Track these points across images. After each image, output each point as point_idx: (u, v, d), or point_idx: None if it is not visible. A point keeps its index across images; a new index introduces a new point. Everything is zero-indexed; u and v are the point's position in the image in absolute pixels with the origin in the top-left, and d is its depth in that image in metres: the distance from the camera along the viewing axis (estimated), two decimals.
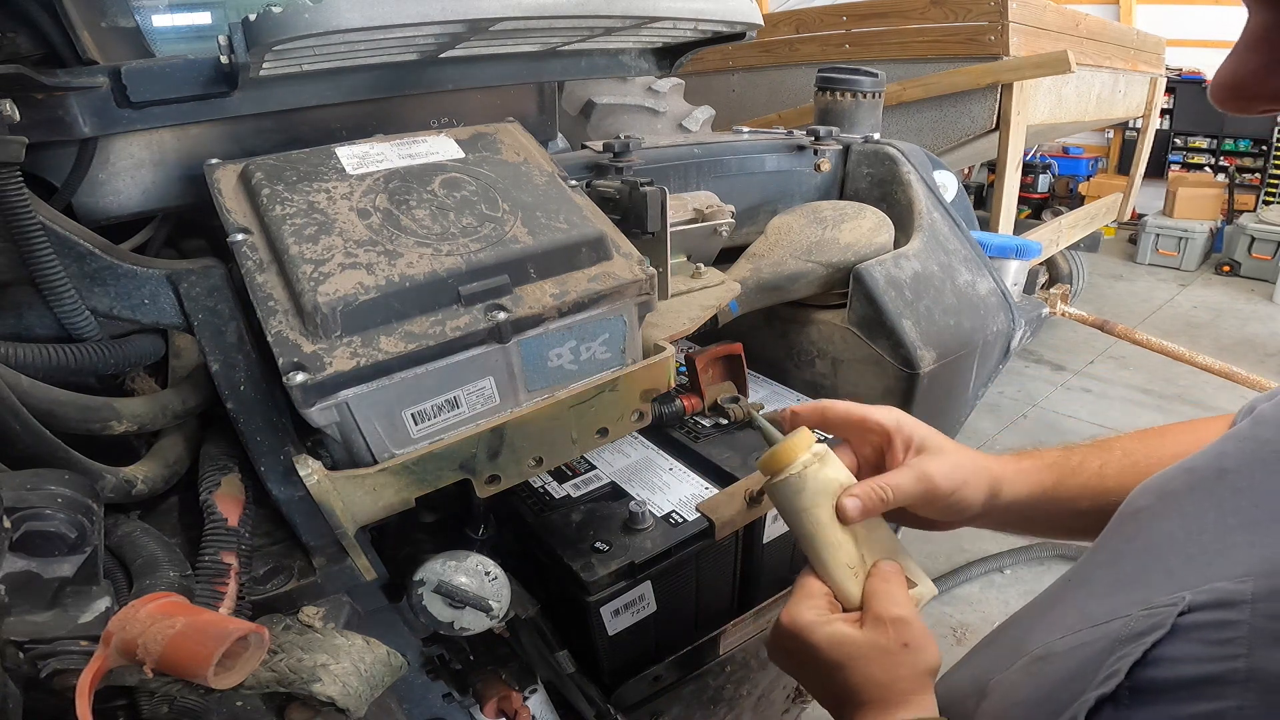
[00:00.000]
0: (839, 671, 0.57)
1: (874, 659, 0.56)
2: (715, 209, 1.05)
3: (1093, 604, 0.42)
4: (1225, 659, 0.31)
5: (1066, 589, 0.50)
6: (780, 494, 0.65)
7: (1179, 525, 0.41)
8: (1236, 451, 0.41)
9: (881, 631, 0.57)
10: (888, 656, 0.56)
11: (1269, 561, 0.33)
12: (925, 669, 0.56)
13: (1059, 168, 6.90)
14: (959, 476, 0.64)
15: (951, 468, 0.64)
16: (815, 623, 0.59)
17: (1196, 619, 0.34)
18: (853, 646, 0.57)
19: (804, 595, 0.62)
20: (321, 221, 0.68)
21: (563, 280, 0.72)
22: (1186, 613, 0.34)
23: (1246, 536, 0.36)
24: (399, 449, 0.66)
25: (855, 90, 1.44)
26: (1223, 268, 5.73)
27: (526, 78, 0.99)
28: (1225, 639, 0.32)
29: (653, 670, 0.96)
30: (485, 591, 0.74)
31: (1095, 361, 4.22)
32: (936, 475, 0.64)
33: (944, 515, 0.66)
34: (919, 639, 0.57)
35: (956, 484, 0.64)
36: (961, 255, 1.24)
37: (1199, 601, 0.34)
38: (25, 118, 0.61)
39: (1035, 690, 0.42)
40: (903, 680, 0.55)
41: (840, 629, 0.58)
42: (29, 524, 0.50)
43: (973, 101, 2.55)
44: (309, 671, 0.57)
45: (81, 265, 0.65)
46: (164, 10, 1.27)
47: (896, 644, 0.56)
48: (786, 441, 0.64)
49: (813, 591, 0.62)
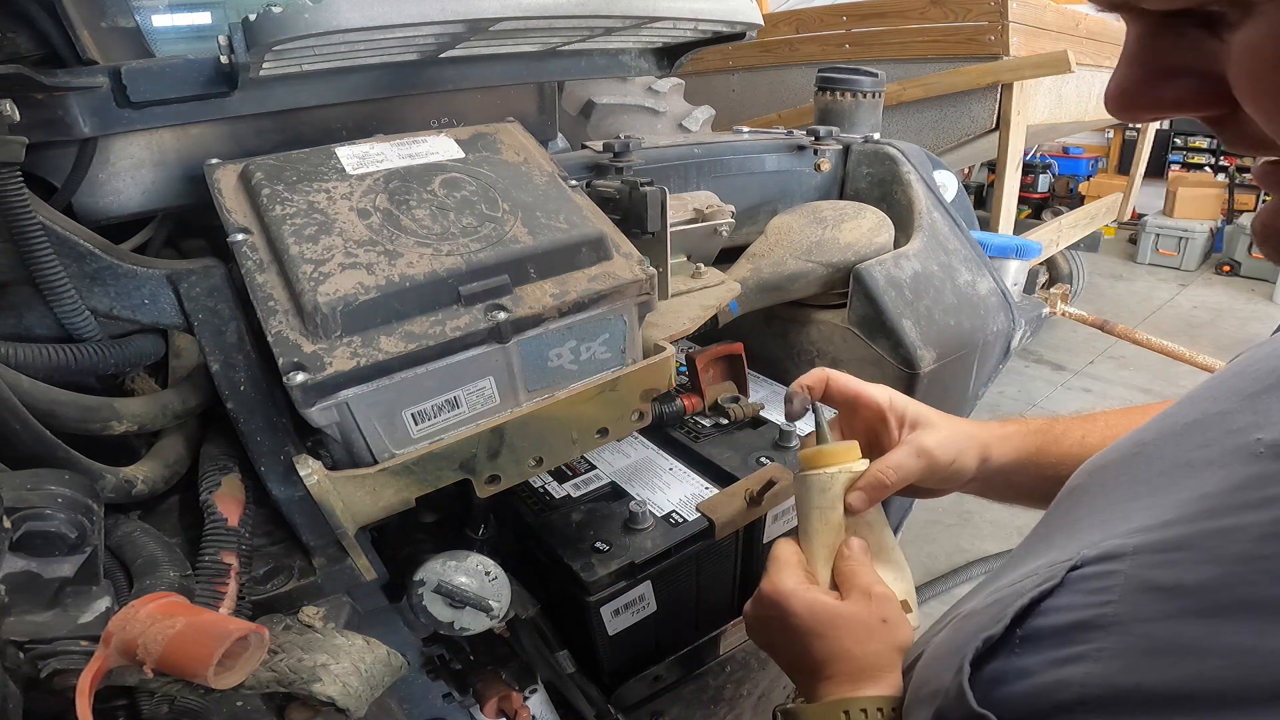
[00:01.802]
0: (815, 640, 0.58)
1: (852, 630, 0.57)
2: (715, 209, 1.05)
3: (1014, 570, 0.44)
4: (1098, 606, 0.33)
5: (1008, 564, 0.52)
6: (807, 485, 0.67)
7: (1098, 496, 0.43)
8: (1155, 426, 0.43)
9: (864, 605, 0.58)
10: (865, 629, 0.57)
11: (1156, 519, 0.35)
12: (897, 646, 0.57)
13: (1059, 168, 6.90)
14: (954, 447, 0.67)
15: (946, 439, 0.67)
16: (796, 590, 0.60)
17: (1084, 572, 0.35)
18: (834, 615, 0.58)
19: (783, 564, 0.63)
20: (321, 221, 0.68)
21: (563, 280, 0.72)
22: (1078, 567, 0.36)
23: (1146, 501, 0.37)
24: (399, 449, 0.66)
25: (855, 90, 1.44)
26: (1223, 268, 5.73)
27: (526, 78, 0.99)
28: (1102, 588, 0.34)
29: (653, 670, 0.96)
30: (485, 591, 0.74)
31: (1095, 361, 4.22)
32: (934, 448, 0.66)
33: (942, 484, 0.69)
34: (896, 616, 0.58)
35: (953, 454, 0.67)
36: (961, 255, 1.24)
37: (1089, 556, 0.36)
38: (25, 118, 0.61)
39: (949, 644, 0.44)
40: (875, 655, 0.56)
41: (821, 597, 0.60)
42: (29, 524, 0.50)
43: (973, 101, 2.55)
44: (309, 671, 0.57)
45: (81, 265, 0.65)
46: (164, 10, 1.27)
47: (876, 618, 0.57)
48: (836, 446, 0.67)
49: (791, 560, 0.64)
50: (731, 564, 1.01)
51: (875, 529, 0.67)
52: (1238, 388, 0.38)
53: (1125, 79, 0.31)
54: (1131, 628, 0.32)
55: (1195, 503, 0.33)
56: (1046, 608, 0.36)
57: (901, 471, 0.65)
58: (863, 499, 0.64)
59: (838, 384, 0.72)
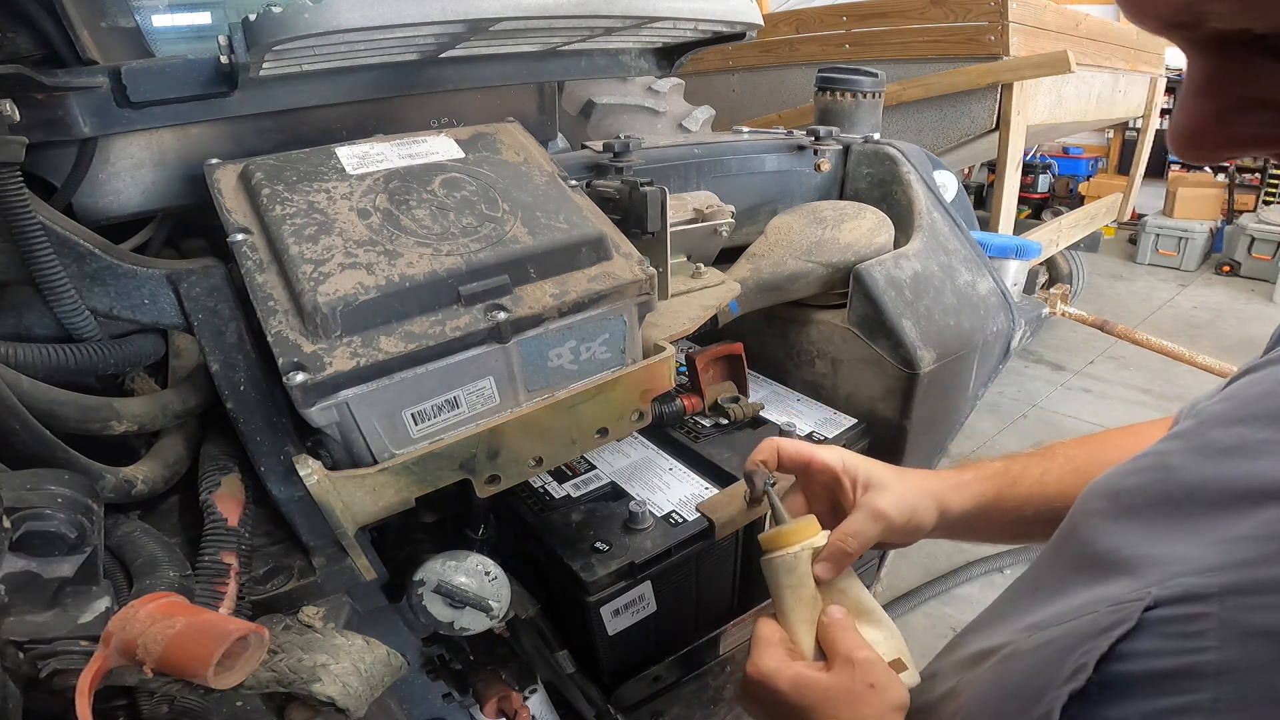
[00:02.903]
0: (807, 714, 0.58)
1: (841, 700, 0.57)
2: (715, 209, 1.05)
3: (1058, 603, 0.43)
4: (1195, 652, 0.31)
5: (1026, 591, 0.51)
6: (773, 567, 0.68)
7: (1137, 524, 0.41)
8: (1182, 449, 0.42)
9: (847, 673, 0.58)
10: (853, 697, 0.57)
11: (1232, 556, 0.33)
12: (891, 707, 0.57)
13: (1059, 168, 6.89)
14: (908, 504, 0.68)
15: (899, 498, 0.68)
16: (779, 669, 0.60)
17: (1163, 614, 0.34)
18: (821, 688, 0.58)
19: (764, 644, 0.63)
20: (321, 221, 0.68)
21: (563, 280, 0.72)
22: (1153, 607, 0.34)
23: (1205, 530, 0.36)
24: (399, 449, 0.66)
25: (855, 90, 1.44)
26: (1223, 268, 5.72)
27: (526, 78, 0.99)
28: (1194, 632, 0.32)
29: (653, 670, 0.96)
30: (485, 591, 0.74)
31: (1095, 361, 4.22)
32: (889, 509, 0.67)
33: (905, 538, 0.70)
34: (884, 678, 0.58)
35: (908, 513, 0.68)
36: (961, 255, 1.24)
37: (1165, 596, 0.34)
38: (25, 118, 0.61)
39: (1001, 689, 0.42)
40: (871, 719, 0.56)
41: (805, 672, 0.60)
42: (29, 524, 0.50)
43: (973, 101, 2.55)
44: (309, 671, 0.57)
45: (81, 265, 0.65)
46: (164, 10, 1.27)
47: (863, 684, 0.57)
48: (794, 525, 0.68)
49: (771, 639, 0.64)
50: (731, 564, 1.01)
51: (850, 592, 0.67)
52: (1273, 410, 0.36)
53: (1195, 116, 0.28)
54: (1246, 677, 0.30)
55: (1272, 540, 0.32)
56: (1125, 652, 0.34)
57: (860, 538, 0.66)
58: (829, 569, 0.66)
59: (788, 452, 0.74)
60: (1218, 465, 0.38)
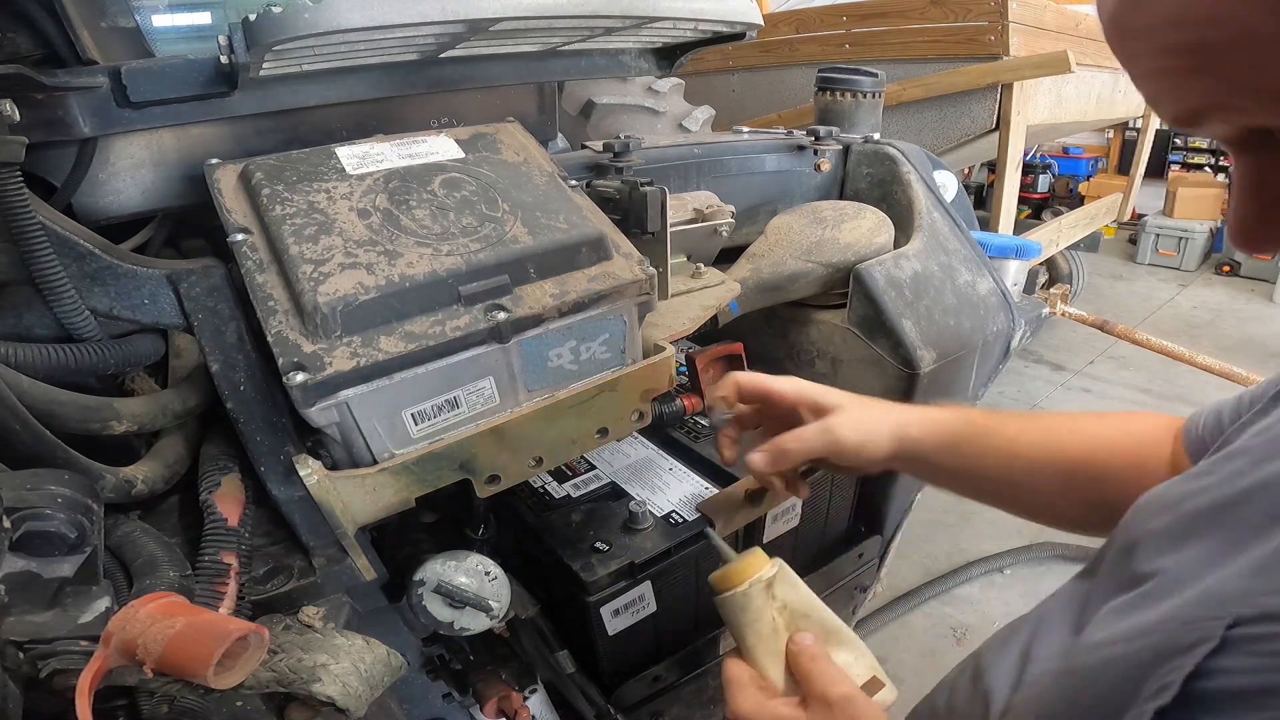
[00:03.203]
0: None
1: None
2: (715, 209, 1.05)
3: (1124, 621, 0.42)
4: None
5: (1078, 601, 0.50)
6: (727, 607, 0.67)
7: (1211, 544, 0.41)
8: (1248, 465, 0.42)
9: (826, 714, 0.57)
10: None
11: None
12: None
13: (1059, 168, 6.90)
14: (863, 427, 0.69)
15: (854, 420, 0.69)
16: (756, 712, 0.60)
17: (1246, 632, 0.34)
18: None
19: (736, 686, 0.63)
20: (321, 221, 0.68)
21: (563, 280, 0.72)
22: (1234, 626, 0.34)
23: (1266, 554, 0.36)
24: (399, 449, 0.66)
25: (855, 90, 1.44)
26: (1223, 268, 5.72)
27: (526, 78, 0.99)
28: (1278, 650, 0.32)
29: (653, 670, 0.96)
30: (485, 591, 0.74)
31: (1095, 361, 4.22)
32: (839, 427, 0.69)
33: (860, 463, 0.71)
34: (863, 712, 0.57)
35: (861, 435, 0.69)
36: (961, 255, 1.24)
37: (1246, 615, 0.34)
38: (25, 118, 0.61)
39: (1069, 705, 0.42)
40: None
41: (782, 711, 0.59)
42: (29, 524, 0.50)
43: (973, 101, 2.55)
44: (309, 671, 0.57)
45: (81, 265, 0.65)
46: (164, 10, 1.27)
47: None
48: (741, 562, 0.68)
49: (741, 679, 0.63)
50: None
51: (814, 616, 0.66)
52: None
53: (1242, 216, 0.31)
54: None
55: None
56: (1209, 669, 0.34)
57: (804, 442, 0.68)
58: (765, 459, 0.67)
59: (746, 386, 0.75)
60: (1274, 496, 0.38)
